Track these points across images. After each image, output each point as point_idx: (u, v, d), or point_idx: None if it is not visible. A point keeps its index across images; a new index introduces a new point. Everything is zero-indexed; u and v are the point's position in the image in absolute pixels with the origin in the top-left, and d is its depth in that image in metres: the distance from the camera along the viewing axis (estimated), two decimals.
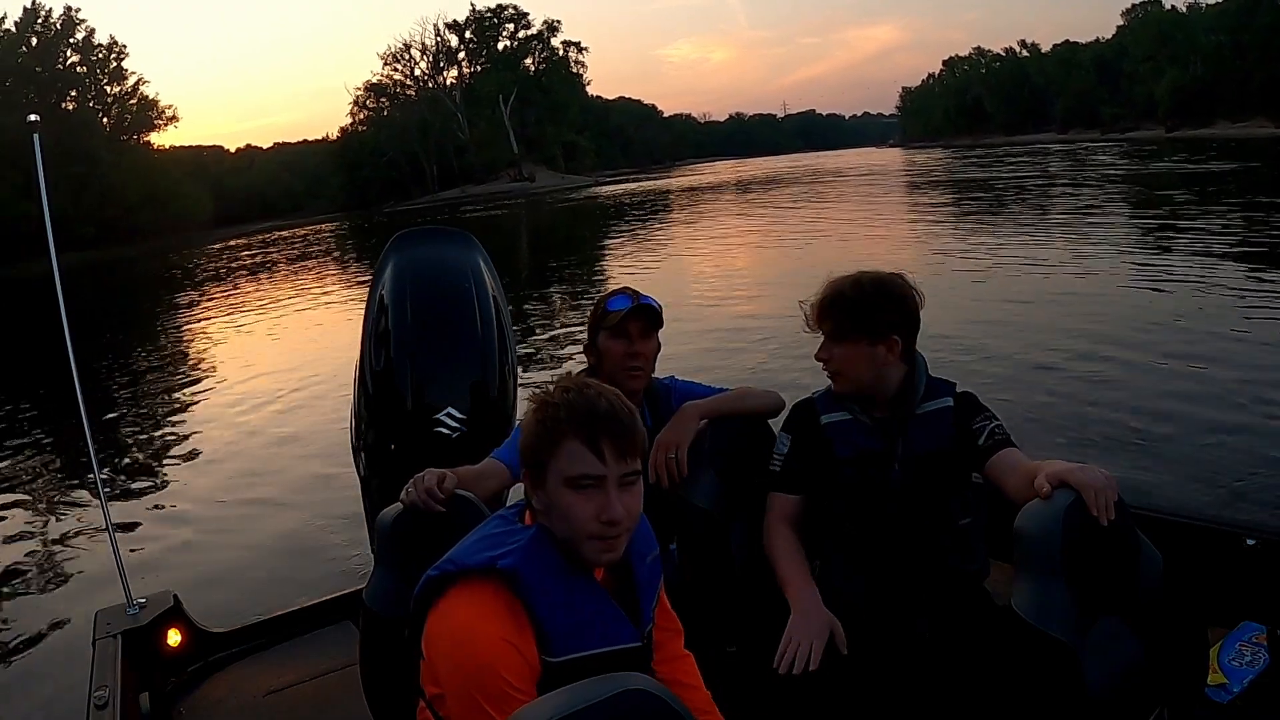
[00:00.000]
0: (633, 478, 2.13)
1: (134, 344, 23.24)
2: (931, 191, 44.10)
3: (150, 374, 18.82)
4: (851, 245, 25.24)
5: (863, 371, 3.12)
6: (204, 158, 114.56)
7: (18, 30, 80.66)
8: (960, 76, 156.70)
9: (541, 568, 2.09)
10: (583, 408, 2.10)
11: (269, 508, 9.41)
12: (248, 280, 38.58)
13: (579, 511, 2.08)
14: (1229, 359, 10.61)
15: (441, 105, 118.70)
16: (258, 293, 32.38)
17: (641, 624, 2.26)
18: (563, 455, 2.09)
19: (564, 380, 2.22)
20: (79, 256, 60.14)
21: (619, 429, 2.10)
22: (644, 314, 3.44)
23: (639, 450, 2.14)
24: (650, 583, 2.33)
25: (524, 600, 2.06)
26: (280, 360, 18.26)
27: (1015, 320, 13.86)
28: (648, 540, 2.36)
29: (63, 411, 13.76)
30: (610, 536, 2.10)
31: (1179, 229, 21.95)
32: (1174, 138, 79.74)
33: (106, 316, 30.10)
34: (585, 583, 2.16)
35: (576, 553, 2.13)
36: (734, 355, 13.43)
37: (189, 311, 29.44)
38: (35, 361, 19.16)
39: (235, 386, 16.26)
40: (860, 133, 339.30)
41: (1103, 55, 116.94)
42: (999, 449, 3.05)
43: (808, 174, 77.12)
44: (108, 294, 42.13)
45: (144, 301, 37.33)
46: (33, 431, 13.97)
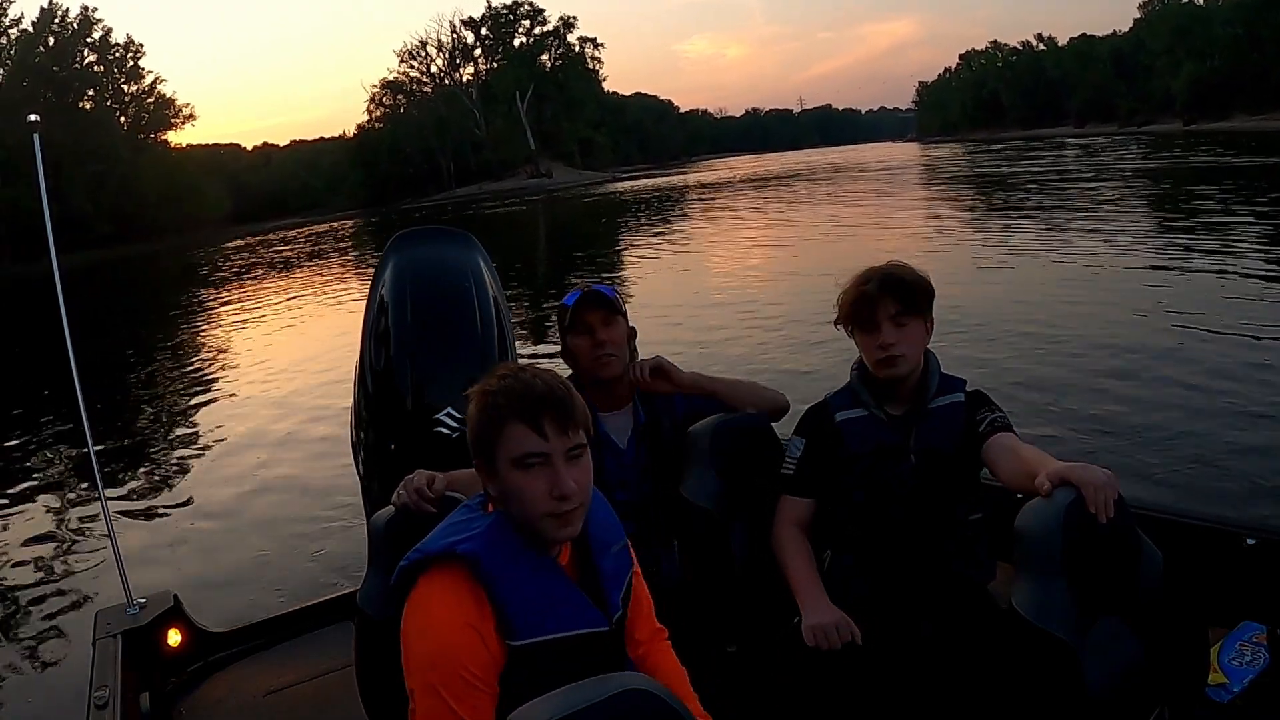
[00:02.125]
0: (578, 451, 2.17)
1: (140, 342, 23.48)
2: (965, 189, 42.62)
3: (153, 373, 19.02)
4: (884, 243, 24.54)
5: (920, 353, 3.16)
6: (221, 155, 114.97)
7: (35, 30, 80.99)
8: (977, 71, 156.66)
9: (502, 552, 2.14)
10: (519, 390, 2.15)
11: (269, 508, 9.45)
12: (261, 278, 38.72)
13: (530, 490, 2.13)
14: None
15: (458, 102, 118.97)
16: (269, 290, 32.48)
17: (609, 611, 2.27)
18: (507, 438, 2.14)
19: (499, 369, 2.27)
20: (97, 254, 60.51)
21: (557, 405, 2.14)
22: (595, 300, 3.45)
23: (580, 423, 2.19)
24: (616, 572, 2.35)
25: (485, 584, 2.10)
26: (284, 359, 18.38)
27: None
28: (613, 531, 2.40)
29: (65, 411, 13.83)
30: (564, 511, 2.14)
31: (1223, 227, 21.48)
32: (1191, 131, 79.41)
33: (110, 315, 30.39)
34: (546, 566, 2.20)
35: (535, 533, 2.17)
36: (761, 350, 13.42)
37: (199, 310, 29.70)
38: (39, 360, 19.22)
39: (238, 386, 16.40)
40: (876, 127, 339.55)
41: (1119, 48, 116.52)
42: (996, 433, 3.06)
43: (826, 169, 76.93)
44: (122, 291, 42.42)
45: (156, 299, 37.57)
46: (34, 431, 14.01)
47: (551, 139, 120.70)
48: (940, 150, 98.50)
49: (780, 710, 3.01)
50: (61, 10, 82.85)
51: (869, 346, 3.15)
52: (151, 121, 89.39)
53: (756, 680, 3.12)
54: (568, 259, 32.37)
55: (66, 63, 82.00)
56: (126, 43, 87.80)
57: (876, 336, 3.10)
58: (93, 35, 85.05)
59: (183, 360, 20.43)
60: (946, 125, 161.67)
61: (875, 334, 3.11)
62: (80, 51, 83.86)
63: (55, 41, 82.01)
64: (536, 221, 58.05)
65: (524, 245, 40.29)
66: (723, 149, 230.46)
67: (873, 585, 3.12)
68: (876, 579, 3.12)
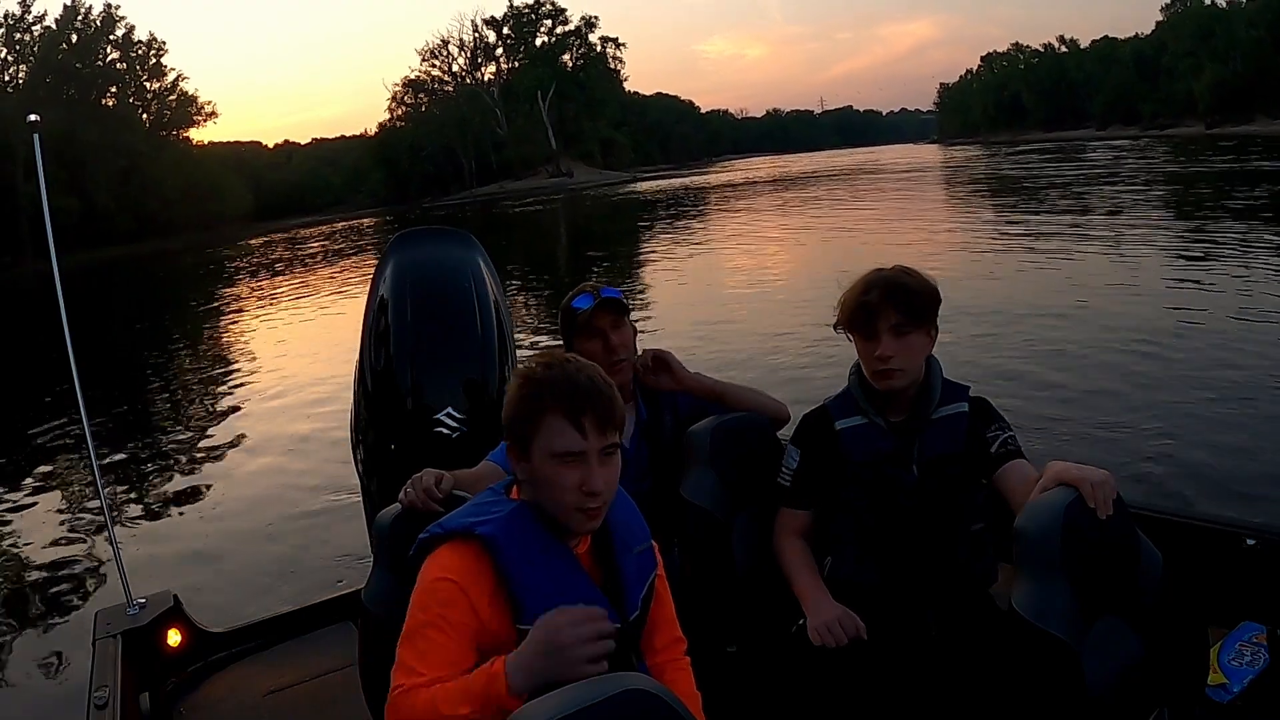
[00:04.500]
0: (611, 450, 2.20)
1: (149, 340, 23.59)
2: (997, 195, 41.18)
3: (155, 373, 19.10)
4: (909, 244, 24.33)
5: (919, 364, 3.10)
6: (243, 153, 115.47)
7: (58, 27, 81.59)
8: (999, 72, 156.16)
9: (520, 538, 2.17)
10: (564, 384, 2.17)
11: (270, 508, 9.46)
12: (278, 275, 38.96)
13: (562, 482, 2.15)
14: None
15: (480, 101, 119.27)
16: (285, 289, 32.62)
17: (625, 609, 2.28)
18: (546, 430, 2.16)
19: (545, 355, 2.28)
20: (120, 250, 60.83)
21: (600, 404, 2.17)
22: (610, 305, 3.45)
23: (618, 424, 2.21)
24: (638, 573, 2.36)
25: (499, 566, 2.14)
26: (291, 359, 18.43)
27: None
28: (637, 533, 2.41)
29: (68, 410, 13.78)
30: (591, 507, 2.17)
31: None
32: (1214, 134, 79.00)
33: (125, 311, 30.52)
34: (562, 556, 2.22)
35: (559, 522, 2.20)
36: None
37: (212, 308, 29.84)
38: (43, 359, 19.18)
39: (241, 385, 16.49)
40: (898, 129, 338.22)
41: (1142, 51, 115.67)
42: (1009, 459, 3.03)
43: (848, 171, 76.54)
44: (139, 288, 42.54)
45: (172, 296, 37.79)
46: (35, 431, 14.02)
47: (573, 138, 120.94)
48: (964, 152, 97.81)
49: (781, 710, 3.02)
50: (85, 8, 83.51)
51: (867, 355, 3.09)
52: (174, 119, 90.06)
53: (756, 680, 3.13)
54: (589, 258, 32.40)
55: (89, 60, 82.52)
56: (149, 40, 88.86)
57: (875, 345, 3.03)
58: (115, 33, 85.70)
59: (189, 359, 20.64)
60: (968, 127, 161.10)
61: (874, 343, 3.04)
62: (103, 49, 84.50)
63: (78, 39, 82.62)
64: (558, 221, 57.97)
65: (546, 244, 40.35)
66: (744, 150, 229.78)
67: (880, 572, 3.10)
68: (883, 566, 3.10)
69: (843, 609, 2.97)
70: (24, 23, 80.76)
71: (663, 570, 2.48)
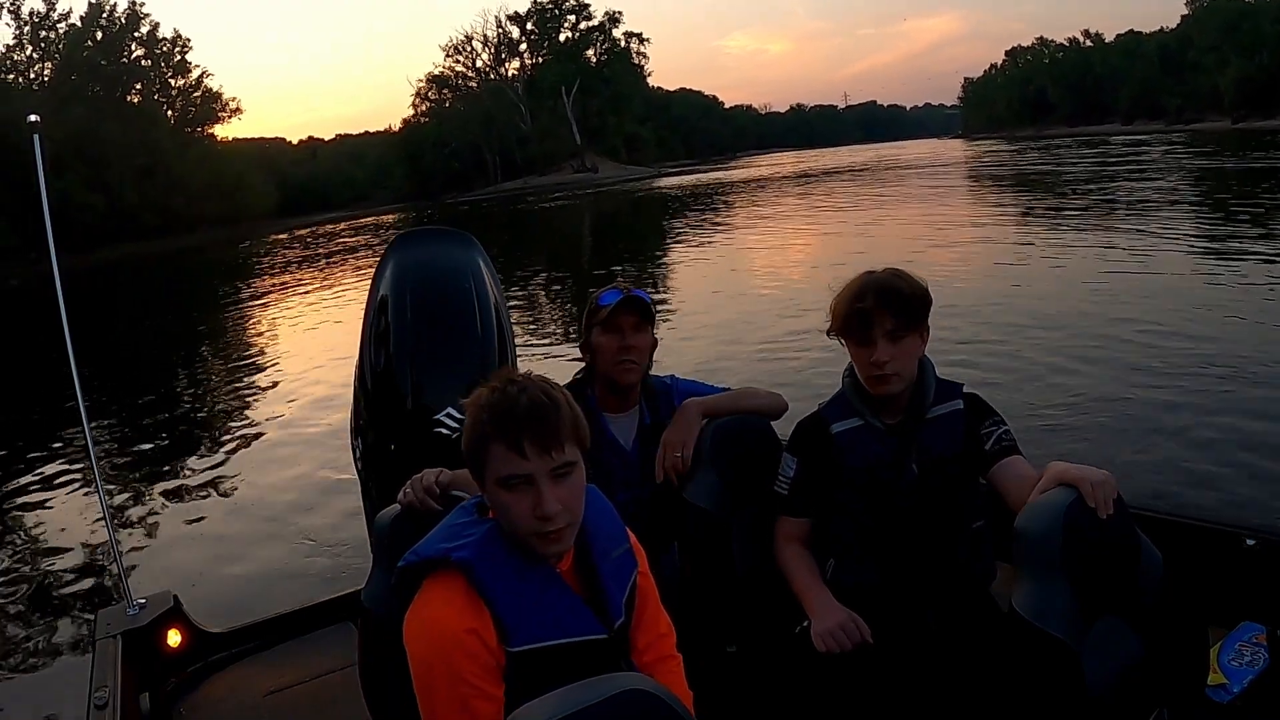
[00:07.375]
0: (565, 469, 2.13)
1: (151, 340, 23.57)
2: (1033, 194, 39.24)
3: (159, 372, 19.15)
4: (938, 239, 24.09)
5: (914, 367, 3.09)
6: (267, 149, 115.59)
7: (83, 24, 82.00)
8: (1023, 67, 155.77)
9: (496, 559, 2.14)
10: (501, 409, 2.11)
11: (269, 508, 9.49)
12: (299, 272, 39.06)
13: (515, 509, 2.11)
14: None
15: (504, 96, 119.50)
16: (303, 286, 32.64)
17: (610, 618, 2.25)
18: (491, 458, 2.12)
19: (493, 378, 2.23)
20: (145, 246, 61.10)
21: (538, 426, 2.10)
22: (635, 306, 3.44)
23: (566, 440, 2.14)
24: (617, 577, 2.32)
25: (480, 591, 2.10)
26: (297, 358, 18.43)
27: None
28: (614, 535, 2.37)
29: (66, 410, 13.76)
30: (548, 531, 2.11)
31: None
32: (1240, 129, 78.52)
33: (113, 315, 30.36)
34: (541, 574, 2.18)
35: (525, 547, 2.16)
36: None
37: (230, 304, 29.87)
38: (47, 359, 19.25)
39: (243, 385, 16.56)
40: (922, 124, 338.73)
41: (1167, 45, 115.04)
42: (1005, 455, 3.04)
43: (874, 166, 76.18)
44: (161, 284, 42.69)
45: (190, 293, 37.88)
46: (35, 431, 14.08)
47: (597, 134, 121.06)
48: (988, 147, 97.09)
49: (780, 710, 3.03)
50: (110, 5, 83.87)
51: (862, 360, 3.07)
52: (198, 115, 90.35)
53: (756, 680, 3.13)
54: (612, 256, 32.28)
55: (114, 57, 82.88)
56: (174, 37, 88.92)
57: (871, 351, 3.01)
58: (140, 30, 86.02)
59: (191, 357, 20.71)
60: (992, 122, 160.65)
61: (870, 349, 3.02)
62: (128, 46, 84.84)
63: (103, 36, 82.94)
64: (582, 217, 58.00)
65: (570, 241, 40.37)
66: (767, 145, 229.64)
67: (880, 572, 3.10)
68: (883, 566, 3.10)
69: (847, 613, 2.97)
70: (49, 20, 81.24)
71: (645, 565, 2.44)
